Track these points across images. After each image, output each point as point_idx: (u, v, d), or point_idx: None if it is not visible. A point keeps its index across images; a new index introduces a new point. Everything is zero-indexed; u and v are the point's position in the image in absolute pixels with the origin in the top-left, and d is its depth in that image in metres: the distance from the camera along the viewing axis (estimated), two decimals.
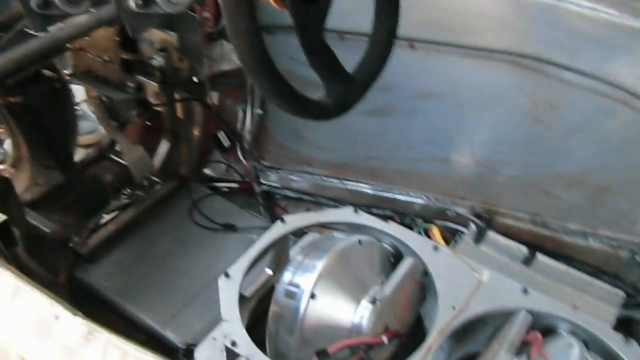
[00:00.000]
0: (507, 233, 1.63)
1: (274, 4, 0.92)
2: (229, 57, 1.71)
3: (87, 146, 2.00)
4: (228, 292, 1.05)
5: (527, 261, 1.57)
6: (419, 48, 1.59)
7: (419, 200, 1.74)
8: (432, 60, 1.58)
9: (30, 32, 1.29)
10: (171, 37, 1.62)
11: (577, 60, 1.40)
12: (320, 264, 1.06)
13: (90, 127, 2.04)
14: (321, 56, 0.99)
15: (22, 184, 1.70)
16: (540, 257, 1.57)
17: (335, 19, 1.01)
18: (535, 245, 1.60)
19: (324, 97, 1.01)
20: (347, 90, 1.03)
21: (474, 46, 1.52)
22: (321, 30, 0.97)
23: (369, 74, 1.08)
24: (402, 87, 1.67)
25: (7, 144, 1.67)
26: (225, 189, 1.89)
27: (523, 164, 1.63)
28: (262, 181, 1.88)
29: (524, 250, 1.58)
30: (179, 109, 1.77)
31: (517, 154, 1.63)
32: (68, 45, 1.41)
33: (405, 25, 1.52)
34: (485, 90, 1.58)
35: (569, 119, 1.49)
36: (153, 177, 1.78)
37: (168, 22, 1.55)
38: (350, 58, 1.07)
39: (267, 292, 1.15)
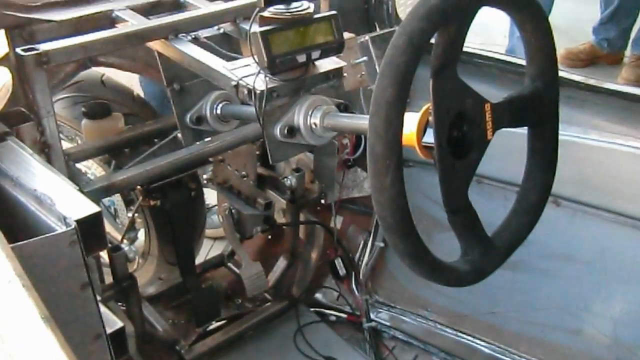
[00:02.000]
0: None
1: (419, 152, 0.93)
2: (361, 185, 1.74)
3: (213, 238, 2.16)
4: None
5: None
6: (564, 206, 1.53)
7: None
8: (578, 220, 1.51)
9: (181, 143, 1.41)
10: (307, 158, 1.69)
11: None
12: None
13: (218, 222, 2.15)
14: (462, 216, 0.96)
15: (147, 276, 1.81)
16: None
17: None
18: None
19: (460, 261, 0.97)
20: (486, 256, 0.99)
21: (627, 214, 1.44)
22: (467, 188, 0.96)
23: (512, 240, 1.03)
24: (539, 243, 1.59)
25: (141, 234, 1.80)
26: (333, 318, 1.87)
27: None
28: (372, 317, 1.84)
29: None
30: (302, 230, 1.81)
31: None
32: (210, 158, 1.51)
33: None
34: (636, 263, 1.48)
35: None
36: (265, 294, 1.81)
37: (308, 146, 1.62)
38: (484, 204, 1.04)
39: None
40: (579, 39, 3.98)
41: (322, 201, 1.74)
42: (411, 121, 0.92)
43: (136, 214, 1.70)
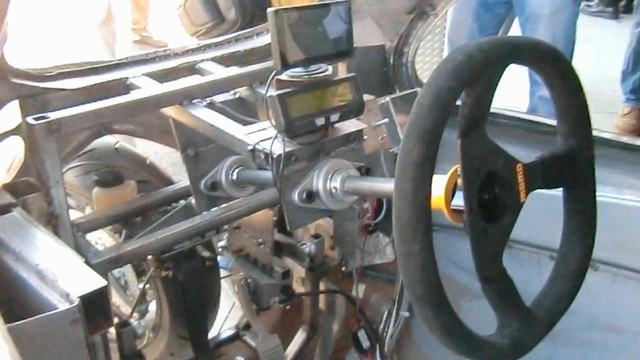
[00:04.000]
0: None
1: (448, 216, 0.89)
2: (383, 251, 1.69)
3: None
4: None
5: None
6: (603, 270, 1.45)
7: None
8: (619, 286, 1.44)
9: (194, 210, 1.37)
10: (327, 223, 1.64)
11: None
12: None
13: None
14: (497, 284, 0.90)
15: (157, 352, 1.74)
16: None
17: None
18: None
19: (497, 335, 0.91)
20: (526, 329, 0.92)
21: None
22: (501, 254, 0.90)
23: (553, 310, 0.97)
24: (579, 313, 1.50)
25: (152, 306, 1.74)
26: None
27: None
28: None
29: None
30: (321, 299, 1.74)
31: None
32: (225, 225, 1.47)
33: None
34: None
35: None
36: None
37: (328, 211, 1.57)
38: (517, 271, 0.96)
39: None
40: (599, 99, 4.01)
41: (343, 268, 1.68)
42: (439, 184, 0.88)
43: (147, 285, 1.65)
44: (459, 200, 0.87)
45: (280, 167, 1.07)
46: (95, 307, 0.82)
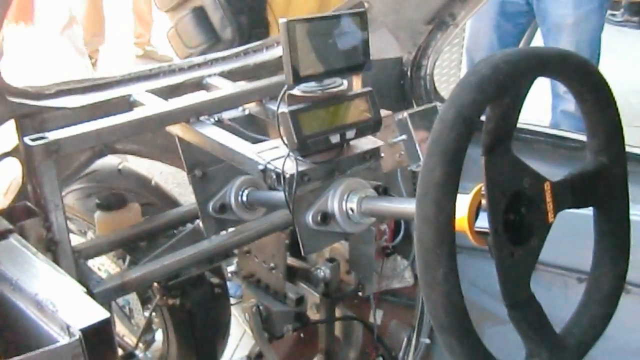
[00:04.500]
0: None
1: (472, 239, 0.87)
2: (402, 275, 1.66)
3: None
4: None
5: None
6: (635, 294, 1.42)
7: None
8: None
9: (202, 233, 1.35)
10: (342, 246, 1.62)
11: None
12: None
13: None
14: (525, 311, 0.88)
15: None
16: None
17: None
18: None
19: None
20: (556, 358, 0.89)
21: None
22: (529, 278, 0.88)
23: (585, 337, 0.94)
24: (609, 337, 1.47)
25: (159, 335, 1.72)
26: None
27: None
28: None
29: None
30: (337, 326, 1.71)
31: None
32: (235, 251, 1.45)
33: None
34: None
35: None
36: None
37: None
38: (543, 294, 0.92)
39: None
40: (627, 112, 3.95)
41: (360, 294, 1.65)
42: (462, 204, 0.85)
43: (153, 314, 1.63)
44: (483, 222, 0.85)
45: (293, 187, 1.04)
46: (98, 340, 0.80)
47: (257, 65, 1.51)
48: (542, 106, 3.45)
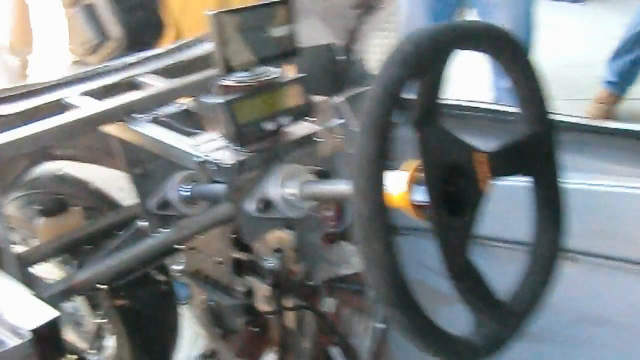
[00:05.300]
0: None
1: (412, 213, 0.93)
2: (349, 260, 1.72)
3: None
4: None
5: None
6: (582, 262, 1.51)
7: None
8: (601, 277, 1.49)
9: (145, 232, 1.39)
10: (289, 237, 1.67)
11: None
12: None
13: None
14: (468, 280, 0.95)
15: None
16: None
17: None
18: None
19: (474, 333, 0.95)
20: (503, 323, 0.96)
21: None
22: (468, 247, 0.95)
23: (530, 302, 1.02)
24: (562, 308, 1.56)
25: (111, 342, 1.74)
26: None
27: None
28: None
29: None
30: (290, 318, 1.77)
31: None
32: (180, 246, 1.49)
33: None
34: None
35: None
36: None
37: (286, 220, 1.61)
38: (491, 269, 1.00)
39: None
40: (568, 85, 4.11)
41: (310, 283, 1.71)
42: (400, 181, 0.92)
43: (105, 320, 1.65)
44: (421, 196, 0.91)
45: (233, 177, 1.10)
46: (48, 340, 0.83)
47: (191, 62, 1.56)
48: (485, 85, 3.59)
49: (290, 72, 1.31)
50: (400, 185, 0.92)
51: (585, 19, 5.64)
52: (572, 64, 4.61)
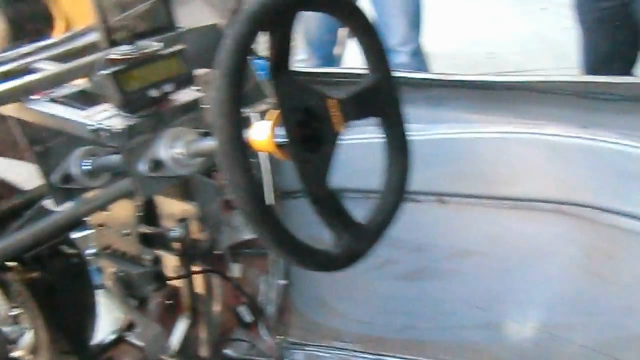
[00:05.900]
0: None
1: (278, 154, 1.09)
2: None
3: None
4: None
5: None
6: (449, 203, 1.73)
7: None
8: (466, 215, 1.71)
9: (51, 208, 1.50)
10: (191, 207, 1.81)
11: (630, 204, 1.48)
12: None
13: None
14: (327, 205, 1.12)
15: None
16: None
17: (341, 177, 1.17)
18: None
19: (332, 246, 1.13)
20: (357, 238, 1.14)
21: (510, 197, 1.65)
22: (326, 178, 1.12)
23: (382, 220, 1.20)
24: (436, 246, 1.78)
25: (28, 334, 1.82)
26: None
27: (585, 327, 1.65)
28: None
29: None
30: (199, 284, 1.91)
31: (575, 315, 1.66)
32: (88, 220, 1.61)
33: (432, 179, 1.68)
34: (530, 244, 1.68)
35: (630, 270, 1.54)
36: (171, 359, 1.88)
37: (187, 191, 1.75)
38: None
39: None
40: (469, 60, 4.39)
41: (215, 250, 1.86)
42: (264, 127, 1.09)
43: (19, 306, 1.72)
44: (282, 138, 1.08)
45: (124, 141, 1.25)
46: None
47: (85, 47, 1.67)
48: None
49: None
50: (265, 131, 1.08)
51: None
52: (472, 42, 4.93)
